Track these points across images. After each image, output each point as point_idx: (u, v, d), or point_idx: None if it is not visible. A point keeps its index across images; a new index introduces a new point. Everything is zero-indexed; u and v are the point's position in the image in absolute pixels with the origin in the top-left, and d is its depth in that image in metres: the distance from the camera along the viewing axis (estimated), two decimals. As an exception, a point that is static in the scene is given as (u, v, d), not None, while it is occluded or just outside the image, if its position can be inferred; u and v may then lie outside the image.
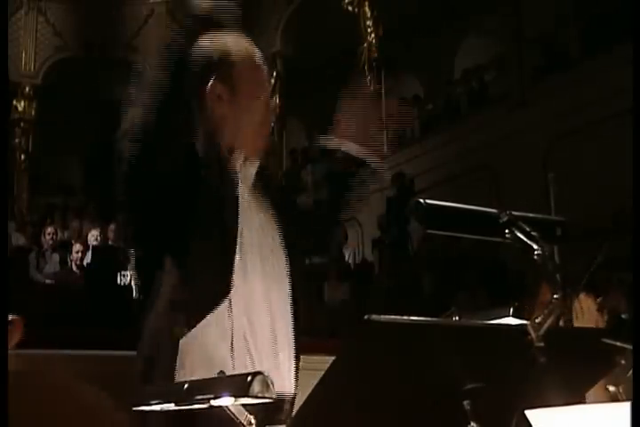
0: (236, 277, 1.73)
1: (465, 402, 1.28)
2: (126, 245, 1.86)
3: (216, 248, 1.73)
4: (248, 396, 1.27)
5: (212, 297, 1.70)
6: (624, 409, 1.13)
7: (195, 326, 1.68)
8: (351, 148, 2.01)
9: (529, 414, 1.21)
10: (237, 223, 1.77)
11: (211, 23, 1.80)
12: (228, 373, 1.62)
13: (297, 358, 1.84)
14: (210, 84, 1.84)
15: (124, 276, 8.43)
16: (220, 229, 1.75)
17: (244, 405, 1.34)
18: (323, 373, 1.24)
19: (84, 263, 9.52)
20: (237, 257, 1.75)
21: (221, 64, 1.86)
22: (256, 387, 1.27)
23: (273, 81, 13.57)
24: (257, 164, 1.92)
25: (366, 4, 12.41)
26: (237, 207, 1.78)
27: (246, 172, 1.89)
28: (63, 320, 6.19)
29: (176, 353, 1.69)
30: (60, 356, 3.80)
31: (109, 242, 10.31)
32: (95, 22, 14.32)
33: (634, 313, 1.22)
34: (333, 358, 1.23)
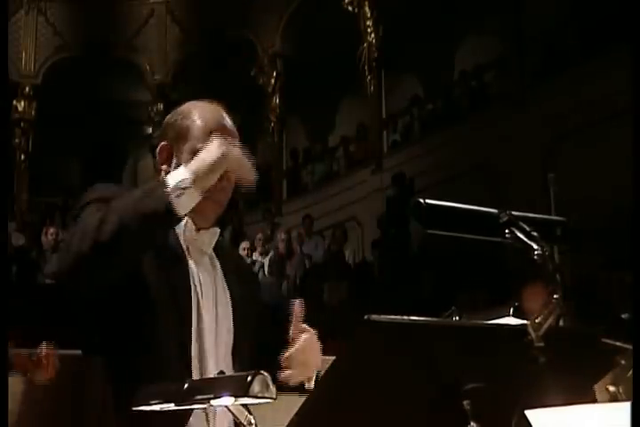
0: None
1: (465, 402, 1.28)
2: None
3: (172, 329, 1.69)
4: (248, 396, 1.27)
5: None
6: (624, 409, 1.13)
7: None
8: None
9: (529, 414, 1.21)
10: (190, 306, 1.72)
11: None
12: None
13: None
14: (160, 144, 1.81)
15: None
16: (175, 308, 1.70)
17: (243, 405, 1.34)
18: (323, 373, 1.24)
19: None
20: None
21: (176, 127, 1.79)
22: (256, 387, 1.27)
23: (273, 81, 13.58)
24: (214, 231, 1.82)
25: (366, 4, 12.41)
26: (188, 282, 1.73)
27: (202, 240, 1.81)
28: (63, 320, 6.18)
29: None
30: (60, 356, 3.80)
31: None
32: (95, 22, 14.32)
33: (634, 313, 1.22)
34: (333, 358, 1.23)
